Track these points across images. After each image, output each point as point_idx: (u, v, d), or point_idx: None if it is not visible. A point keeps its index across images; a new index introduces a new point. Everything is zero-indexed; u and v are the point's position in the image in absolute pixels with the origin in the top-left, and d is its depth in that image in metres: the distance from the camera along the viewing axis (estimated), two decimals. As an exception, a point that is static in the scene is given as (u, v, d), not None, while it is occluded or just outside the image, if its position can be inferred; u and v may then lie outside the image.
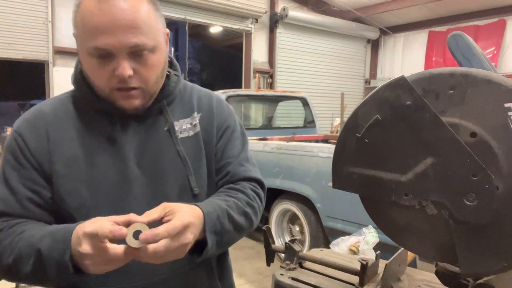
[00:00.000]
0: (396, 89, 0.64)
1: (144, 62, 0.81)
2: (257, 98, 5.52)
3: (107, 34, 0.76)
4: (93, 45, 0.77)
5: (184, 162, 0.90)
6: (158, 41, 0.83)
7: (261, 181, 1.00)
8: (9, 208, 0.81)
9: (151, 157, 0.88)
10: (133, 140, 0.87)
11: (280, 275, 0.94)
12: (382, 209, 0.71)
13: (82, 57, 0.83)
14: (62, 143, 0.84)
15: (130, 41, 0.77)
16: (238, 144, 1.00)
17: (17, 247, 0.75)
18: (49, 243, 0.72)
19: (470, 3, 7.65)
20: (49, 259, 0.71)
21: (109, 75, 0.80)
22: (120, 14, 0.76)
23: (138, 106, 0.85)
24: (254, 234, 4.39)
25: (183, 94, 0.98)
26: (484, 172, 0.57)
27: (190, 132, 0.94)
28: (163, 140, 0.90)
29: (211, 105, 1.00)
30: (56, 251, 0.71)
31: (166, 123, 0.91)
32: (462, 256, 0.63)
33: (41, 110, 0.88)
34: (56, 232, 0.74)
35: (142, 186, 0.86)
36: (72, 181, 0.83)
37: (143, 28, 0.79)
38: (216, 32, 9.75)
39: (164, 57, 0.88)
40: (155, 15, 0.82)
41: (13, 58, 5.70)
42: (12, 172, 0.82)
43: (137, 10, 0.78)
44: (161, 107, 0.91)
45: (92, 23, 0.76)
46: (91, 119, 0.87)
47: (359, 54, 9.77)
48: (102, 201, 0.83)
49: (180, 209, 0.73)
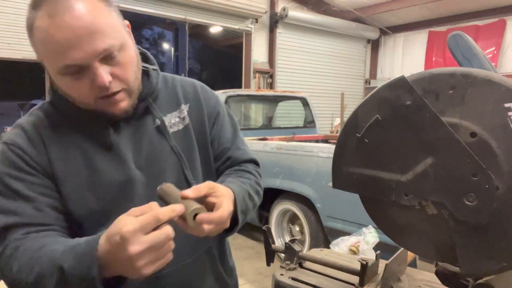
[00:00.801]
0: (396, 89, 0.64)
1: (117, 63, 0.77)
2: (257, 98, 5.53)
3: (73, 49, 0.71)
4: (62, 64, 0.73)
5: (179, 157, 0.91)
6: (123, 37, 0.79)
7: (257, 160, 1.08)
8: (27, 219, 0.75)
9: (147, 156, 0.88)
10: (127, 141, 0.87)
11: (280, 275, 0.94)
12: (382, 209, 0.71)
13: (54, 78, 0.79)
14: (61, 151, 0.82)
15: (97, 48, 0.73)
16: (229, 128, 1.05)
17: (38, 264, 0.69)
18: (71, 259, 0.66)
19: (470, 3, 7.65)
20: (73, 277, 0.65)
21: (88, 88, 0.76)
22: (77, 24, 0.71)
23: (126, 108, 0.83)
24: (254, 234, 4.40)
25: (166, 87, 0.97)
26: (484, 172, 0.57)
27: (180, 125, 0.94)
28: (155, 138, 0.90)
29: (197, 94, 1.00)
30: (79, 267, 0.64)
31: (154, 121, 0.91)
32: (462, 256, 0.63)
33: (27, 123, 0.83)
34: (78, 246, 0.68)
35: (143, 186, 0.87)
36: (77, 188, 0.81)
37: (105, 29, 0.74)
38: (216, 32, 9.74)
39: (134, 50, 0.84)
40: (109, 11, 0.77)
41: (13, 58, 5.70)
42: (18, 183, 0.77)
43: (92, 13, 0.73)
44: (147, 105, 0.90)
45: (53, 43, 0.72)
46: (81, 126, 0.84)
47: (359, 54, 9.77)
48: (108, 206, 0.82)
49: (223, 194, 0.77)
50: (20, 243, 0.73)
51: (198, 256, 0.95)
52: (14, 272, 0.71)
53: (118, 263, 0.63)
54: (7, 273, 0.73)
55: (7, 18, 5.54)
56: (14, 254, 0.72)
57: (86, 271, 0.63)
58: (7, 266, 0.72)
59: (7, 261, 0.73)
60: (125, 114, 0.84)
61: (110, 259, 0.63)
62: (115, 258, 0.62)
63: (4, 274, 0.74)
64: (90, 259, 0.63)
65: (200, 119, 0.98)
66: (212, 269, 1.00)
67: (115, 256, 0.62)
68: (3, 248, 0.74)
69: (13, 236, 0.74)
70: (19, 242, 0.74)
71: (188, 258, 0.93)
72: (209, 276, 1.00)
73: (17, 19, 5.60)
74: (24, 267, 0.70)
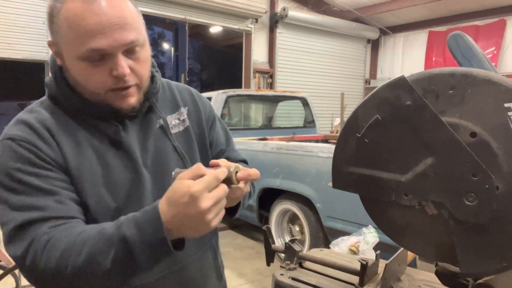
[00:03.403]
0: (396, 89, 0.64)
1: (137, 59, 0.80)
2: (257, 98, 5.53)
3: (103, 35, 0.74)
4: (88, 47, 0.74)
5: (181, 156, 0.93)
6: (145, 35, 0.83)
7: (247, 161, 1.13)
8: (51, 212, 0.73)
9: (152, 155, 0.90)
10: (135, 140, 0.88)
11: (280, 275, 0.94)
12: (382, 209, 0.71)
13: (69, 63, 0.79)
14: (73, 147, 0.80)
15: (126, 38, 0.76)
16: (222, 131, 1.10)
17: (86, 245, 0.68)
18: (134, 228, 0.67)
19: (470, 3, 7.66)
20: (140, 243, 0.66)
21: (105, 76, 0.78)
22: (111, 12, 0.74)
23: (134, 104, 0.84)
24: (254, 234, 4.40)
25: (163, 90, 1.00)
26: (484, 172, 0.57)
27: (180, 127, 0.97)
28: (158, 137, 0.92)
29: (193, 99, 1.04)
30: (146, 233, 0.66)
31: (157, 121, 0.92)
32: (462, 256, 0.63)
33: (32, 119, 0.81)
34: (135, 217, 0.69)
35: (150, 184, 0.88)
36: (93, 185, 0.80)
37: (133, 24, 0.78)
38: (216, 32, 9.75)
39: (150, 50, 0.87)
40: (136, 9, 0.82)
41: (13, 58, 5.71)
42: (35, 178, 0.74)
43: (124, 6, 0.77)
44: (150, 104, 0.91)
45: (85, 27, 0.73)
46: (88, 123, 0.84)
47: (359, 54, 9.77)
48: (122, 203, 0.83)
49: None
50: (51, 235, 0.71)
51: (204, 251, 0.99)
52: (54, 262, 0.68)
53: (186, 223, 0.66)
54: (40, 266, 0.69)
55: (7, 18, 5.55)
56: (48, 245, 0.70)
57: (152, 235, 0.66)
58: (40, 259, 0.69)
59: (40, 254, 0.69)
60: (132, 110, 0.85)
61: (174, 222, 0.66)
62: (184, 218, 0.66)
63: (36, 269, 0.70)
64: (155, 223, 0.66)
65: (199, 122, 1.02)
66: (214, 264, 1.04)
67: (184, 216, 0.66)
68: (29, 242, 0.70)
69: (40, 230, 0.71)
70: (49, 234, 0.71)
71: (196, 253, 0.96)
72: (212, 272, 1.04)
73: (17, 19, 5.62)
74: (68, 252, 0.68)
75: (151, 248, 0.67)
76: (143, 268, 0.69)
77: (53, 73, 0.86)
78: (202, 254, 0.99)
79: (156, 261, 0.69)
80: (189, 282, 0.95)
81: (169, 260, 0.88)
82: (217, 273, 1.06)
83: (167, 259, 0.70)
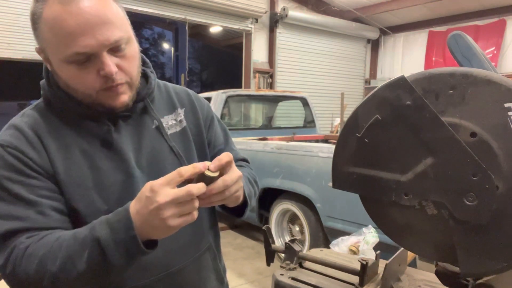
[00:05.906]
0: (396, 89, 0.64)
1: (123, 56, 0.80)
2: (257, 98, 5.53)
3: (85, 36, 0.73)
4: (73, 51, 0.73)
5: (178, 157, 0.93)
6: (130, 31, 0.82)
7: (248, 160, 1.15)
8: (31, 223, 0.74)
9: (147, 155, 0.89)
10: (128, 141, 0.87)
11: (280, 275, 0.94)
12: (382, 209, 0.71)
13: (57, 68, 0.79)
14: (61, 152, 0.80)
15: (109, 37, 0.75)
16: (221, 131, 1.10)
17: (61, 251, 0.69)
18: (106, 228, 0.68)
19: (470, 3, 7.65)
20: (112, 243, 0.67)
21: (93, 77, 0.77)
22: (91, 12, 0.73)
23: (127, 101, 0.84)
24: (254, 234, 4.40)
25: (160, 92, 0.99)
26: (484, 172, 0.57)
27: (177, 128, 0.97)
28: (154, 138, 0.91)
29: (191, 100, 1.04)
30: (117, 232, 0.67)
31: (152, 121, 0.92)
32: (462, 256, 0.63)
33: (23, 123, 0.81)
34: (107, 218, 0.70)
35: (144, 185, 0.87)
36: (82, 189, 0.80)
37: (116, 21, 0.77)
38: (216, 32, 9.74)
39: (137, 47, 0.86)
40: (117, 5, 0.80)
41: (13, 58, 5.70)
42: (19, 187, 0.75)
43: (104, 4, 0.76)
44: (145, 105, 0.91)
45: (65, 29, 0.72)
46: (79, 125, 0.84)
47: (359, 54, 9.76)
48: (114, 205, 0.81)
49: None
50: (29, 243, 0.72)
51: (202, 253, 0.98)
52: (33, 269, 0.69)
53: (147, 218, 0.66)
54: (20, 274, 0.70)
55: (7, 18, 5.54)
56: (26, 253, 0.71)
57: (124, 233, 0.67)
58: (19, 267, 0.70)
59: (18, 263, 0.70)
60: (124, 108, 0.85)
61: (140, 219, 0.66)
62: (146, 213, 0.66)
63: (16, 277, 0.71)
64: (126, 222, 0.67)
65: (197, 123, 1.01)
66: (213, 267, 1.03)
67: (146, 211, 0.65)
68: (9, 252, 0.72)
69: (20, 240, 0.73)
70: (27, 242, 0.72)
71: (194, 254, 0.96)
72: (212, 274, 1.02)
73: (17, 19, 5.61)
74: (45, 258, 0.69)
75: (123, 247, 0.67)
76: (118, 268, 0.69)
77: (45, 76, 0.86)
78: (200, 256, 0.97)
79: (130, 260, 0.69)
80: (186, 285, 0.94)
81: (165, 263, 0.88)
82: (217, 276, 1.04)
83: (141, 258, 0.70)
